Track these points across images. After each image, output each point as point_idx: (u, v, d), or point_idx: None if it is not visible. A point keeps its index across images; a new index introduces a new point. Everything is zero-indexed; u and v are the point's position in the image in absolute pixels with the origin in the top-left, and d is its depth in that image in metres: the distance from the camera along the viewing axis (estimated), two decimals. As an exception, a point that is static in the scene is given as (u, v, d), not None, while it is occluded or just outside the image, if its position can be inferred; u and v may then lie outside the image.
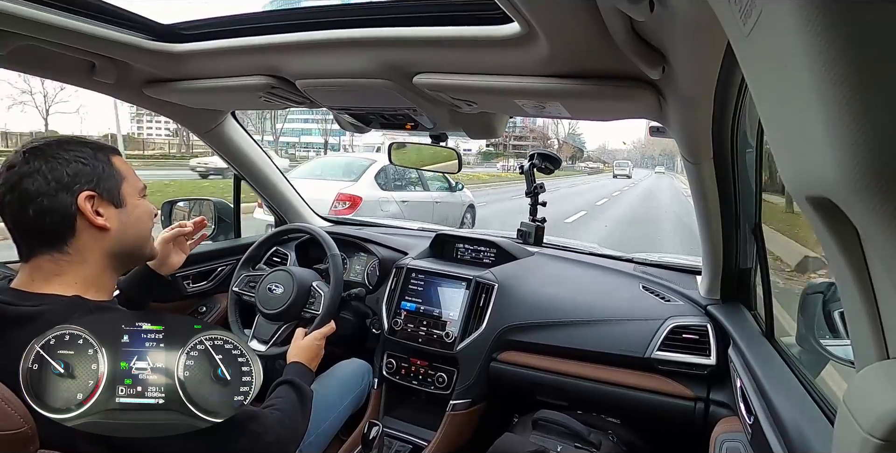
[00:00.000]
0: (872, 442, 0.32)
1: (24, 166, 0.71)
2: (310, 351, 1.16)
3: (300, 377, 1.05)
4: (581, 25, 0.67)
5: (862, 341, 0.38)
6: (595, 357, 1.32)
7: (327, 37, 0.89)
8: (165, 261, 1.11)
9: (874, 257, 0.34)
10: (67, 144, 0.75)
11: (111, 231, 0.75)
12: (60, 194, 0.71)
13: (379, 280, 1.65)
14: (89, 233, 0.73)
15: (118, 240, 0.76)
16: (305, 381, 1.04)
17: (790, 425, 0.72)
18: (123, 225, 0.77)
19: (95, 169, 0.75)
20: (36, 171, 0.70)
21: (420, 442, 1.45)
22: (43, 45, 0.94)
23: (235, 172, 1.72)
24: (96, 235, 0.74)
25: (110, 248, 0.76)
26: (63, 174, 0.72)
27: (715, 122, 0.86)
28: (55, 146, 0.74)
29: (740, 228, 1.13)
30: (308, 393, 1.00)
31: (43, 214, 0.70)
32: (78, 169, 0.73)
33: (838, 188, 0.29)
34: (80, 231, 0.73)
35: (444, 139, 1.44)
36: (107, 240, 0.75)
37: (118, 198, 0.77)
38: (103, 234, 0.74)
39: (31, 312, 0.66)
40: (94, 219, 0.73)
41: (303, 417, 0.95)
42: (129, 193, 0.79)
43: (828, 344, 0.80)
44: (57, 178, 0.71)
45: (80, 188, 0.72)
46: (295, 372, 1.07)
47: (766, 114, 0.38)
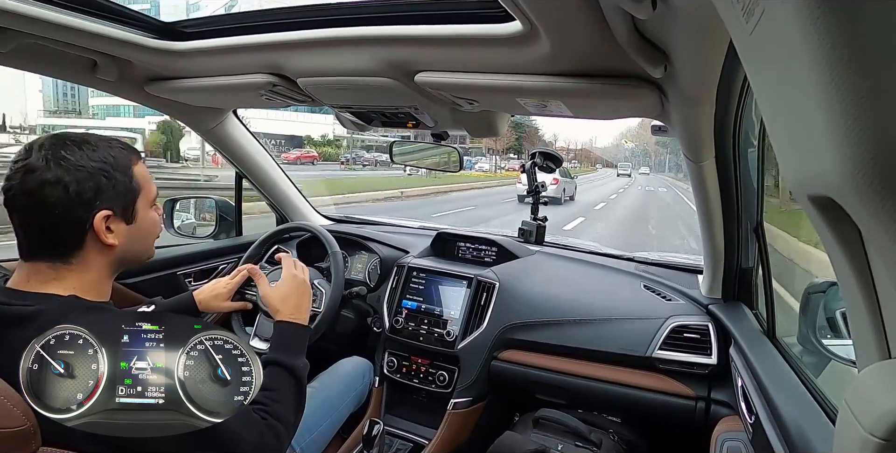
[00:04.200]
0: (873, 442, 0.32)
1: (47, 173, 0.67)
2: (288, 295, 1.04)
3: (289, 344, 0.95)
4: (583, 24, 0.66)
5: (863, 341, 0.38)
6: (596, 356, 1.32)
7: (329, 35, 0.89)
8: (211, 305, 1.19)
9: (876, 256, 0.33)
10: (93, 150, 0.71)
11: (118, 246, 0.74)
12: (78, 209, 0.69)
13: (380, 278, 1.65)
14: (96, 247, 0.72)
15: (122, 253, 0.76)
16: (296, 343, 0.95)
17: (791, 424, 0.72)
18: (130, 240, 0.76)
19: (117, 185, 0.72)
20: (58, 181, 0.67)
21: (421, 441, 1.46)
22: (45, 43, 0.94)
23: (237, 170, 1.72)
24: (102, 249, 0.73)
25: (113, 260, 0.76)
26: (85, 189, 0.69)
27: (717, 121, 0.86)
28: (79, 151, 0.70)
29: (742, 227, 1.12)
30: (301, 371, 0.91)
31: (56, 226, 0.69)
32: (101, 184, 0.70)
33: (840, 187, 0.28)
34: (88, 245, 0.72)
35: (446, 137, 1.44)
36: (112, 254, 0.74)
37: (131, 215, 0.76)
38: (110, 249, 0.74)
39: (27, 312, 0.66)
40: (105, 237, 0.72)
41: (296, 407, 0.88)
42: (141, 206, 0.77)
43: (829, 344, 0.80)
44: (79, 192, 0.69)
45: (100, 206, 0.71)
46: (281, 341, 0.95)
47: (768, 113, 0.37)
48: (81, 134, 0.74)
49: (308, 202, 1.92)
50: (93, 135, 0.75)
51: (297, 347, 0.95)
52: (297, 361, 0.92)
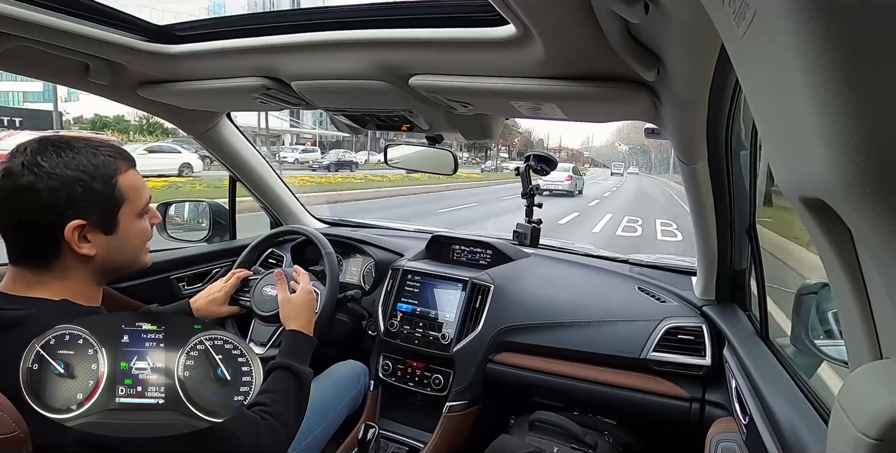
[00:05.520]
0: (866, 441, 0.33)
1: (21, 178, 0.66)
2: (303, 307, 1.08)
3: (300, 352, 0.99)
4: (576, 27, 0.67)
5: (855, 341, 0.39)
6: (591, 358, 1.32)
7: (323, 38, 0.89)
8: (208, 310, 1.20)
9: (867, 258, 0.34)
10: (73, 157, 0.69)
11: (96, 256, 0.72)
12: (50, 218, 0.68)
13: (375, 281, 1.64)
14: (74, 256, 0.71)
15: (103, 263, 0.74)
16: (305, 354, 0.99)
17: (785, 425, 0.73)
18: (110, 250, 0.74)
19: (94, 195, 0.70)
20: (30, 188, 0.66)
21: (416, 444, 1.45)
22: (37, 47, 0.93)
23: (231, 174, 1.72)
24: (80, 259, 0.71)
25: (95, 269, 0.74)
26: (57, 197, 0.67)
27: (709, 124, 0.86)
28: (57, 158, 0.68)
29: (735, 229, 1.13)
30: (306, 378, 0.94)
31: (29, 233, 0.69)
32: (75, 194, 0.68)
33: (831, 189, 0.29)
34: (65, 253, 0.70)
35: (440, 140, 1.44)
36: (91, 263, 0.73)
37: (111, 225, 0.73)
38: (88, 258, 0.72)
39: (16, 317, 0.65)
40: (77, 248, 0.70)
41: (297, 412, 0.90)
42: (125, 216, 0.75)
43: (822, 345, 0.81)
44: (50, 202, 0.67)
45: (73, 216, 0.68)
46: (293, 349, 1.00)
47: (759, 116, 0.38)
48: (68, 138, 0.72)
49: (302, 205, 1.92)
50: (81, 139, 0.73)
51: (304, 355, 1.00)
52: (304, 368, 0.96)
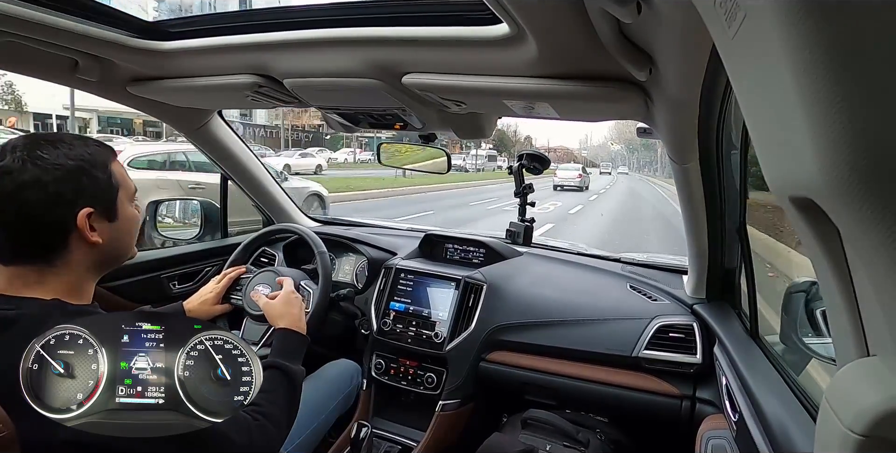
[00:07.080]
0: (852, 438, 0.33)
1: (23, 174, 0.66)
2: (289, 305, 1.09)
3: (291, 351, 0.99)
4: (569, 27, 0.67)
5: (843, 339, 0.39)
6: (583, 356, 1.33)
7: (316, 36, 0.89)
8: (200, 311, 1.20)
9: (855, 257, 0.34)
10: (69, 149, 0.70)
11: (102, 244, 0.73)
12: (60, 209, 0.68)
13: (368, 280, 1.64)
14: (80, 247, 0.71)
15: (107, 252, 0.75)
16: (297, 352, 0.99)
17: (774, 421, 0.74)
18: (112, 238, 0.75)
19: (97, 183, 0.72)
20: (36, 182, 0.66)
21: (409, 443, 1.45)
22: (25, 43, 0.92)
23: (222, 172, 1.70)
24: (87, 249, 0.72)
25: (97, 260, 0.75)
26: (65, 188, 0.68)
27: (701, 124, 0.87)
28: (55, 150, 0.69)
29: (725, 228, 1.14)
30: (298, 377, 0.94)
31: (38, 228, 0.68)
32: (81, 183, 0.70)
33: (820, 189, 0.29)
34: (72, 245, 0.71)
35: (433, 139, 1.44)
36: (96, 253, 0.73)
37: (113, 212, 0.75)
38: (94, 248, 0.72)
39: (8, 316, 0.65)
40: (89, 236, 0.71)
41: (289, 412, 0.90)
42: (122, 203, 0.76)
43: (810, 342, 0.81)
44: (59, 192, 0.68)
45: (82, 204, 0.69)
46: (284, 348, 1.00)
47: (750, 116, 0.38)
48: (55, 133, 0.74)
49: (294, 204, 1.91)
50: (67, 134, 0.75)
51: (296, 354, 0.99)
52: (296, 367, 0.95)
